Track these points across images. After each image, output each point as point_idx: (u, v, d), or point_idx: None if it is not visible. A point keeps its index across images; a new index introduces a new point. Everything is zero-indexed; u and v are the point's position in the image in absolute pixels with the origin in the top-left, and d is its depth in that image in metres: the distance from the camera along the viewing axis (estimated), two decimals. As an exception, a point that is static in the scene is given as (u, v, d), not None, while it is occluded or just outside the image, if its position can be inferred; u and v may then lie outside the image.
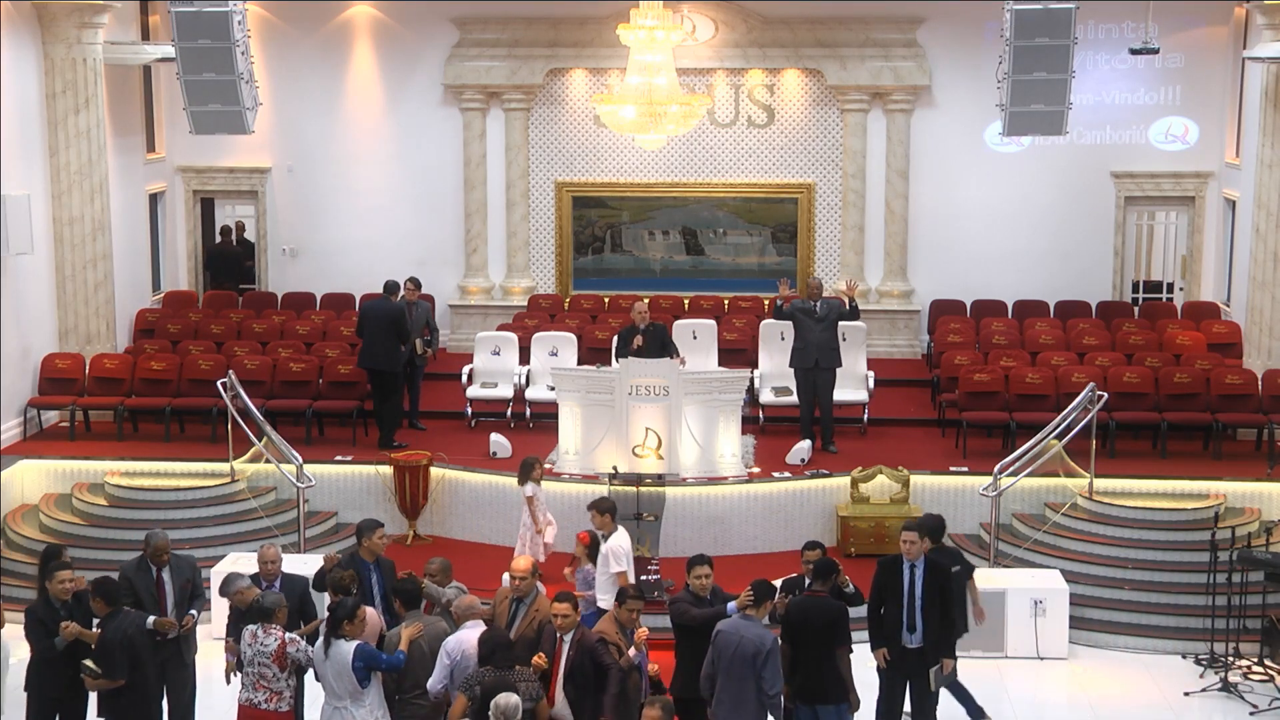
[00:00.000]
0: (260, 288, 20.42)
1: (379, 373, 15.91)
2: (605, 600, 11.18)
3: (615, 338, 16.36)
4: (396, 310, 15.95)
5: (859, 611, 10.49)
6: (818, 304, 15.71)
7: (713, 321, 17.99)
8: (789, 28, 19.39)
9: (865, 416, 16.67)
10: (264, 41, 19.18)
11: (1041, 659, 12.98)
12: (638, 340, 15.58)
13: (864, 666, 10.54)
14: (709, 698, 9.50)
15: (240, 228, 21.29)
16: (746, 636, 9.30)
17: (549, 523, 13.52)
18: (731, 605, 9.68)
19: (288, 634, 9.52)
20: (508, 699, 8.51)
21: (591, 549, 11.64)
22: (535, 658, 9.44)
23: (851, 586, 10.47)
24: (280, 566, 10.75)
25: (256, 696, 9.48)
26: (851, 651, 10.06)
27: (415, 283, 16.60)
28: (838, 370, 15.86)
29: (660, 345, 15.61)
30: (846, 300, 15.87)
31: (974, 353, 17.36)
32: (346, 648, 9.22)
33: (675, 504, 14.05)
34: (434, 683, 9.41)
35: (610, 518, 11.85)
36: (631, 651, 9.44)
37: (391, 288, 16.22)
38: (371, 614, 9.84)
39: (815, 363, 15.64)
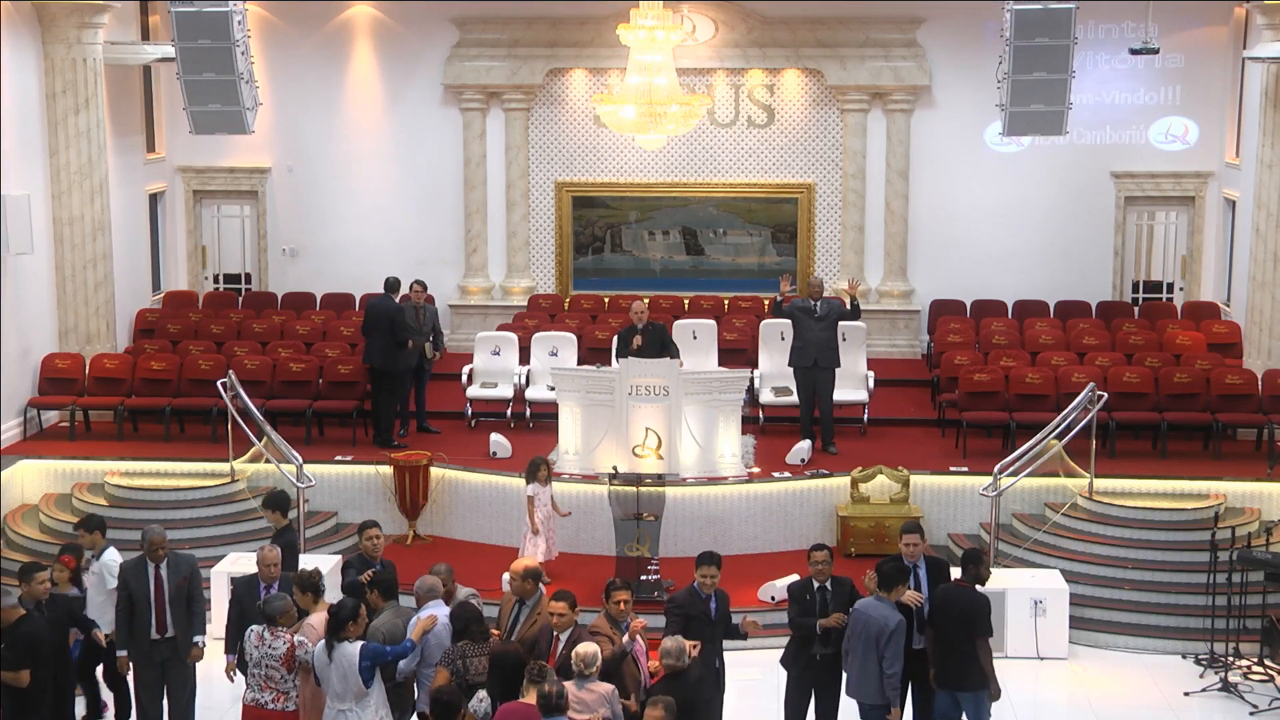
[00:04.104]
0: (262, 287, 20.45)
1: (376, 371, 15.91)
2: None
3: (615, 338, 16.35)
4: (394, 308, 15.92)
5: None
6: (818, 303, 15.70)
7: (713, 321, 17.97)
8: (789, 28, 19.39)
9: (865, 416, 16.66)
10: (264, 41, 19.18)
11: (1041, 659, 12.97)
12: (637, 340, 15.57)
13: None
14: (849, 671, 10.08)
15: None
16: (873, 617, 9.85)
17: (535, 530, 13.36)
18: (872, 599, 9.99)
19: (296, 636, 9.52)
20: (587, 647, 8.85)
21: (75, 576, 11.10)
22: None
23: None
24: (280, 569, 10.75)
25: (263, 697, 9.48)
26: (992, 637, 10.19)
27: (422, 285, 16.48)
28: (837, 370, 15.85)
29: (660, 345, 15.56)
30: (848, 300, 15.86)
31: (974, 353, 17.35)
32: (351, 649, 9.18)
33: (675, 504, 14.04)
34: (405, 665, 9.50)
35: (100, 534, 11.19)
36: (625, 638, 9.43)
37: (392, 285, 16.17)
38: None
39: (814, 362, 15.64)
